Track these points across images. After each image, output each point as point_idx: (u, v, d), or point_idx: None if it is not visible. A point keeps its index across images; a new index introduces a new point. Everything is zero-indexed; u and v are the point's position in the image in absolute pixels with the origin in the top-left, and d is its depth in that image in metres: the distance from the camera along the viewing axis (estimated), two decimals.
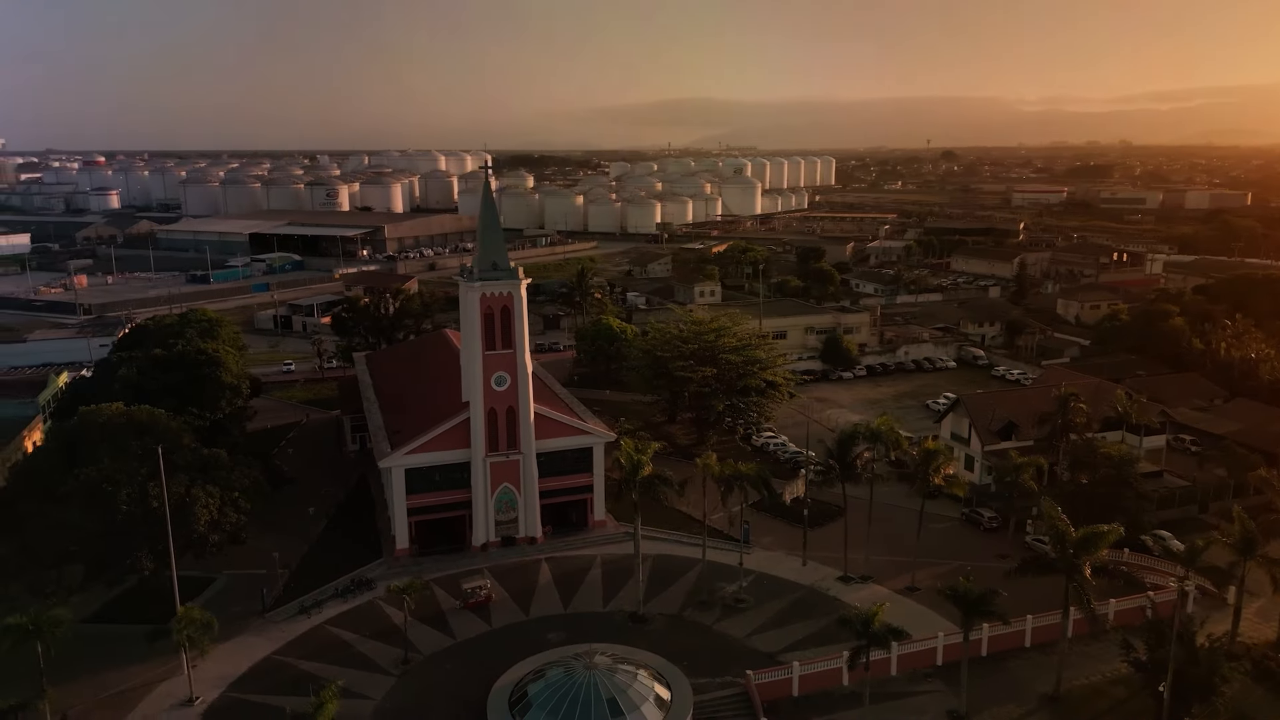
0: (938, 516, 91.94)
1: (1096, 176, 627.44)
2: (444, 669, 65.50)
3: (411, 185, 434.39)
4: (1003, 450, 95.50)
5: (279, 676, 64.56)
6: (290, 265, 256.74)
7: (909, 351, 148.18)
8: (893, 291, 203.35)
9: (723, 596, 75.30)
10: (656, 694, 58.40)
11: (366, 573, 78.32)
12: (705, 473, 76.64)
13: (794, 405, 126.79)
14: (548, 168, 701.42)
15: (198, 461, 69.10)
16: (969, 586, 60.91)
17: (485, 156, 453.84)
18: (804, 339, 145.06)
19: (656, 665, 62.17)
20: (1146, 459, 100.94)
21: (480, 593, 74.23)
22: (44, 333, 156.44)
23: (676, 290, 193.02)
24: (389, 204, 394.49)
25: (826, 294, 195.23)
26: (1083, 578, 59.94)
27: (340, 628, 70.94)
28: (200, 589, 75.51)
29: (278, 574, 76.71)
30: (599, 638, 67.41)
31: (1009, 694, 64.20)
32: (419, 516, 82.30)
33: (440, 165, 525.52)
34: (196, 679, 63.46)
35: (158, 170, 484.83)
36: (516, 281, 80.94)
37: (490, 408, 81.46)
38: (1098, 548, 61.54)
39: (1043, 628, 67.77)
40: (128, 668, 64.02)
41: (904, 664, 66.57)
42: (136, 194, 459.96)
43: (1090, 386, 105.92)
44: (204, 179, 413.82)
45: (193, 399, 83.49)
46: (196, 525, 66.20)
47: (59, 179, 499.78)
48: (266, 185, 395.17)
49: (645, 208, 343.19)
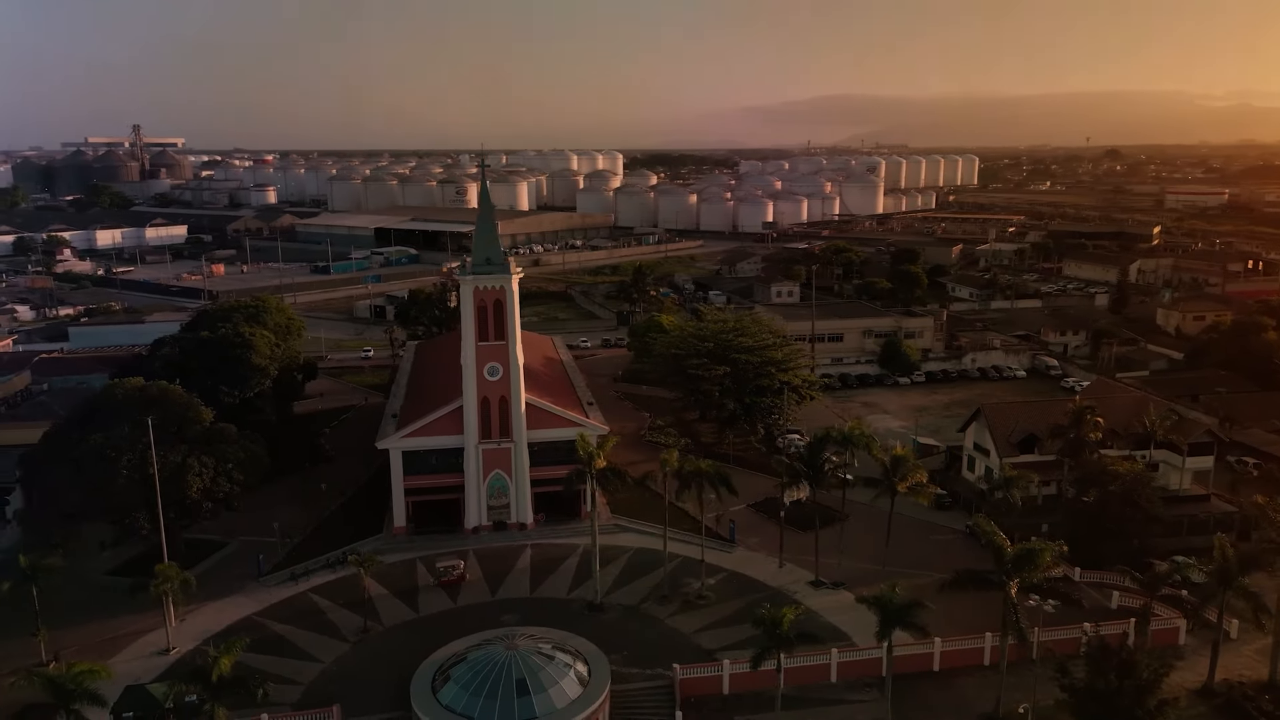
0: (942, 528, 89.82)
1: (1276, 178, 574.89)
2: (398, 641, 69.34)
3: (539, 184, 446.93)
4: (1023, 463, 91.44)
5: (250, 636, 69.89)
6: (405, 259, 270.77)
7: (976, 359, 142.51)
8: (987, 296, 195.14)
9: (686, 592, 76.11)
10: (573, 676, 60.08)
11: (360, 547, 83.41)
12: (664, 469, 77.47)
13: (836, 409, 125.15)
14: (685, 166, 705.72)
15: (202, 434, 75.78)
16: (893, 596, 59.61)
17: (487, 156, 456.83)
18: (861, 342, 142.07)
19: (582, 650, 63.78)
20: (1196, 481, 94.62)
21: (453, 572, 77.93)
22: (161, 315, 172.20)
23: (755, 290, 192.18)
24: (514, 202, 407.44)
25: (914, 297, 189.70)
26: (1008, 596, 57.58)
27: (320, 595, 76.17)
28: (213, 551, 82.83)
29: (279, 542, 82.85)
30: (551, 623, 69.46)
31: (950, 711, 62.55)
32: (416, 497, 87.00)
33: (573, 165, 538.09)
34: (180, 633, 70.04)
35: (313, 168, 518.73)
36: (508, 276, 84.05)
37: (483, 396, 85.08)
38: (1034, 566, 58.91)
39: (955, 651, 66.57)
40: (123, 618, 70.78)
41: (845, 671, 65.79)
42: (293, 190, 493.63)
43: (1133, 401, 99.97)
44: (349, 176, 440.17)
45: (224, 378, 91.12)
46: (189, 492, 72.70)
47: (228, 176, 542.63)
48: (403, 183, 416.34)
49: (756, 206, 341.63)
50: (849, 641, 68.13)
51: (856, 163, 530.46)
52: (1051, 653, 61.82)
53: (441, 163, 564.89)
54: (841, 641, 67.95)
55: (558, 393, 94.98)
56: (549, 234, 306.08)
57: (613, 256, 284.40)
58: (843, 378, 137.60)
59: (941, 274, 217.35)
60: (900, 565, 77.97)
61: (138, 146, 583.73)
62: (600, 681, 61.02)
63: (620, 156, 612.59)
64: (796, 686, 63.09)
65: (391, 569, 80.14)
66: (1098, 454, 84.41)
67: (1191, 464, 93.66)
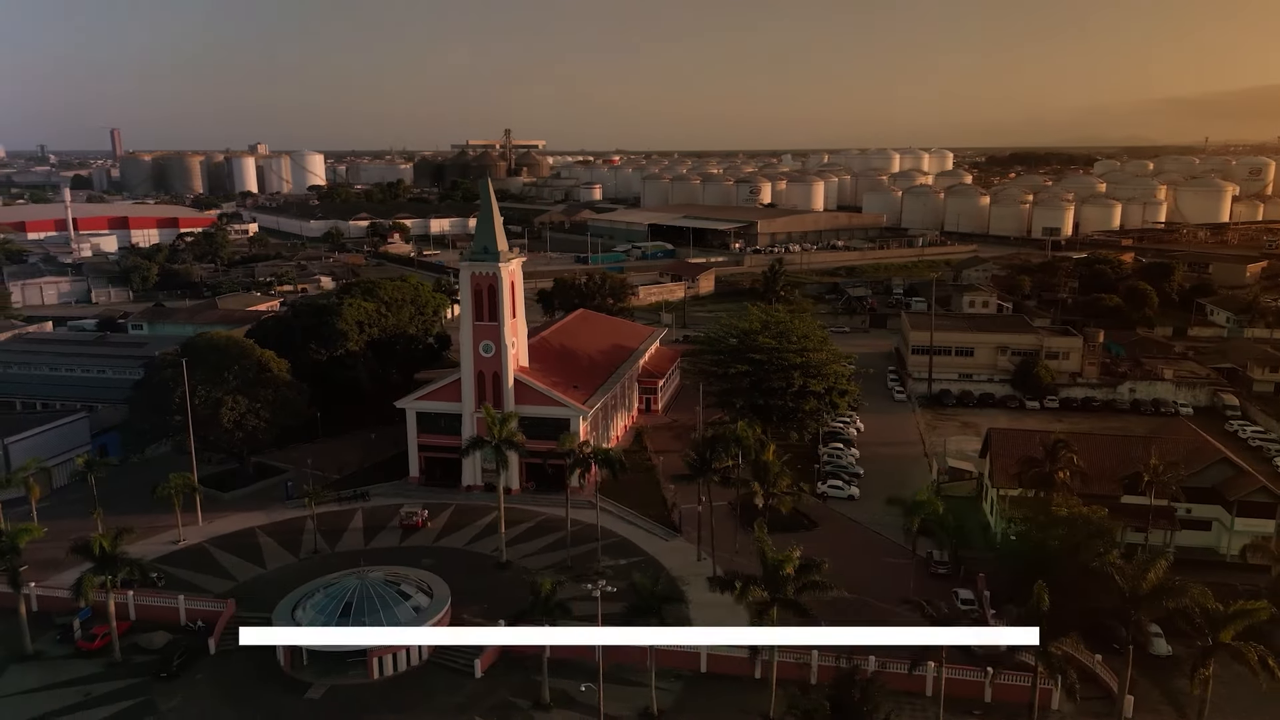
0: (904, 551, 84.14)
1: None
2: (331, 564, 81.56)
3: (841, 183, 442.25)
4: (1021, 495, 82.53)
5: (239, 541, 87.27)
6: (661, 253, 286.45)
7: (1136, 389, 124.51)
8: (1241, 323, 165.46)
9: (590, 566, 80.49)
10: (411, 604, 68.80)
11: (371, 489, 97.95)
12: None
13: (926, 424, 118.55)
14: (1046, 165, 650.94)
15: (245, 379, 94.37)
16: (649, 585, 60.77)
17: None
18: (995, 358, 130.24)
19: (431, 584, 72.10)
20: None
21: (413, 518, 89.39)
22: None
23: (951, 299, 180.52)
24: (809, 201, 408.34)
25: (1141, 316, 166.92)
26: (765, 607, 56.10)
27: (313, 521, 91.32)
28: (268, 475, 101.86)
29: (314, 475, 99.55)
30: (459, 571, 78.80)
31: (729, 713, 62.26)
32: (428, 454, 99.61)
33: (894, 165, 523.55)
34: (195, 532, 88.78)
35: (639, 168, 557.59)
36: (498, 264, 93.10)
37: (479, 370, 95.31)
38: (784, 572, 56.77)
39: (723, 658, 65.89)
40: (161, 515, 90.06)
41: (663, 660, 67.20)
42: (620, 188, 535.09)
43: (1189, 445, 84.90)
44: (660, 176, 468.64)
45: (315, 337, 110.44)
46: (222, 423, 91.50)
47: (569, 174, 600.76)
48: (705, 181, 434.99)
49: (1054, 210, 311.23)
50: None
51: (1235, 163, 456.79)
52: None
53: (764, 161, 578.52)
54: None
55: (567, 375, 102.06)
56: (811, 233, 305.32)
57: (864, 258, 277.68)
58: (963, 395, 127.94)
59: (1207, 294, 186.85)
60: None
61: (507, 148, 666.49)
62: (440, 602, 69.44)
63: (950, 155, 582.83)
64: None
65: (378, 510, 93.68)
66: (1061, 494, 74.20)
67: (1245, 526, 78.11)
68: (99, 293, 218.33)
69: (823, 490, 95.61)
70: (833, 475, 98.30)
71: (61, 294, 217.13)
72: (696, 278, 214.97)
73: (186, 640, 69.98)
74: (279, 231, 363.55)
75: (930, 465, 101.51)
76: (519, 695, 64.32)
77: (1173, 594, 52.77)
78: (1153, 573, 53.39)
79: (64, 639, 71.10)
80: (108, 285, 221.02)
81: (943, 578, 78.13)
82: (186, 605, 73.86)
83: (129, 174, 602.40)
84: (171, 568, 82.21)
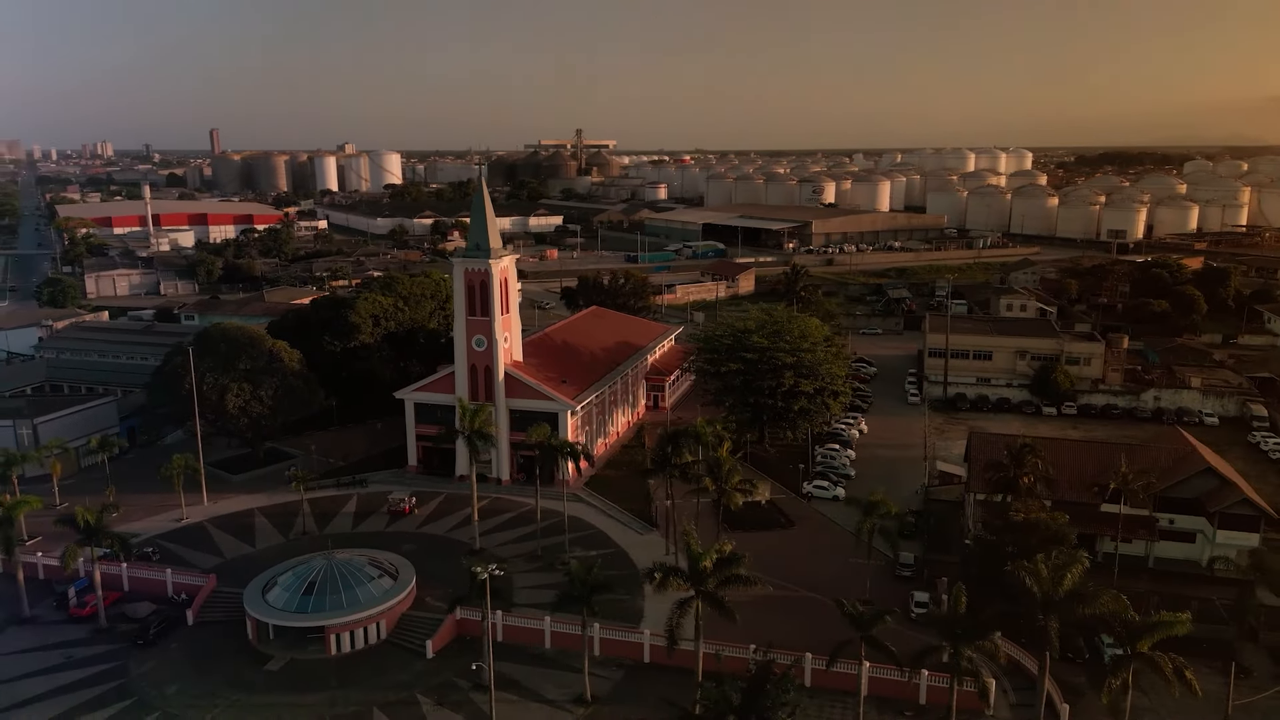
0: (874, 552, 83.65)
1: None
2: (316, 544, 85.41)
3: (910, 183, 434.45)
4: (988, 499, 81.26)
5: (237, 521, 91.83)
6: (712, 253, 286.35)
7: (1160, 397, 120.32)
8: None
9: (559, 556, 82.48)
10: (376, 583, 72.08)
11: (370, 477, 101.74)
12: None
13: (933, 427, 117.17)
14: (1138, 165, 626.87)
15: (251, 367, 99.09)
16: (585, 575, 62.21)
17: (486, 154, 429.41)
18: (1013, 362, 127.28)
19: (397, 565, 75.14)
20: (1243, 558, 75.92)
21: (400, 505, 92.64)
22: None
23: (990, 302, 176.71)
24: (874, 201, 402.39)
25: (1189, 322, 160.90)
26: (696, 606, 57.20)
27: (308, 504, 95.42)
28: (279, 459, 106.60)
29: (317, 460, 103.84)
30: (434, 556, 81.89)
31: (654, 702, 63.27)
32: (426, 443, 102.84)
33: (968, 164, 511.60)
34: (199, 511, 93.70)
35: (704, 168, 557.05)
36: (489, 261, 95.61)
37: (471, 364, 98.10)
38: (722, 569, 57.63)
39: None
40: (169, 494, 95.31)
41: (608, 649, 68.78)
42: (687, 187, 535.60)
43: (1175, 454, 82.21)
44: (724, 175, 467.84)
45: (330, 330, 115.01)
46: (228, 409, 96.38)
47: (637, 174, 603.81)
48: (768, 181, 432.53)
49: (1123, 211, 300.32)
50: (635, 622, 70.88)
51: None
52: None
53: (834, 160, 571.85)
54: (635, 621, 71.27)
55: (563, 371, 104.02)
56: (868, 234, 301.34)
57: (919, 259, 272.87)
58: (978, 399, 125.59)
59: (1268, 300, 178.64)
60: (780, 576, 76.98)
61: (578, 148, 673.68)
62: (403, 587, 72.57)
63: (1029, 155, 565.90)
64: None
65: (373, 496, 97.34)
66: (1024, 500, 72.83)
67: (1226, 538, 75.43)
68: (167, 285, 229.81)
69: (808, 490, 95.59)
70: (820, 475, 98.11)
71: (132, 286, 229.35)
72: (736, 277, 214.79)
73: (167, 610, 74.40)
74: (347, 228, 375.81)
75: (926, 469, 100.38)
76: (464, 676, 66.60)
77: (1086, 601, 51.79)
78: (1069, 578, 52.49)
79: (60, 605, 76.35)
80: (175, 278, 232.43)
81: (906, 580, 77.58)
82: (173, 579, 78.41)
83: (220, 173, 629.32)
84: (169, 543, 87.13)
